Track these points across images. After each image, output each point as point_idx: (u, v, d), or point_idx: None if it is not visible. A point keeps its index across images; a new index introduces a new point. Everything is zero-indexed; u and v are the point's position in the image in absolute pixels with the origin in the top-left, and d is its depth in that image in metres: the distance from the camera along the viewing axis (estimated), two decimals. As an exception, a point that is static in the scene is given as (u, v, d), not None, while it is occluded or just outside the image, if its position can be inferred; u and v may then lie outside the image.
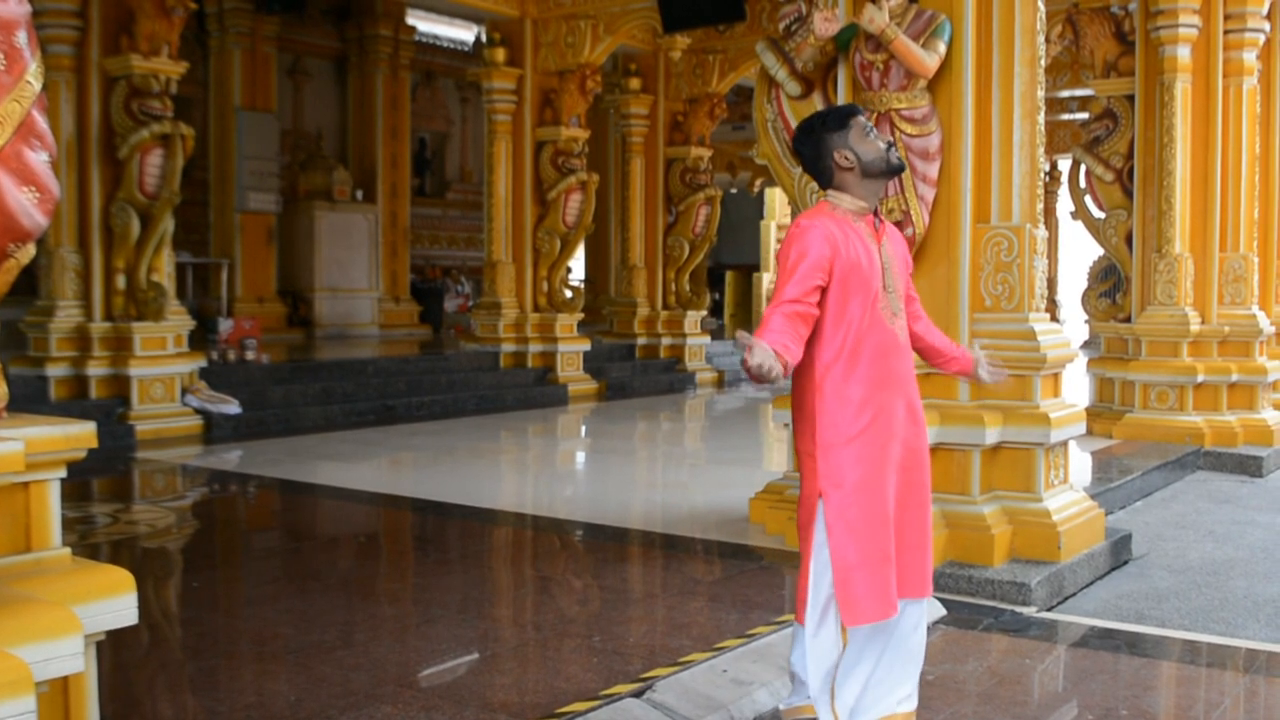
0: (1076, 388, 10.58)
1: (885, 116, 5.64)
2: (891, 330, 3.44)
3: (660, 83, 15.33)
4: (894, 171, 3.49)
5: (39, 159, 2.41)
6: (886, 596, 3.32)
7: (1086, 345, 16.56)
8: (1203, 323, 9.69)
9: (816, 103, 6.09)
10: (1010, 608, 5.22)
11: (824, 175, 3.47)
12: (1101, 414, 9.92)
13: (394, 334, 16.81)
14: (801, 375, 3.40)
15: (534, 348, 13.47)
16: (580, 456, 10.62)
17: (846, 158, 3.39)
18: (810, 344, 3.34)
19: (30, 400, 9.08)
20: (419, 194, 19.47)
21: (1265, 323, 9.91)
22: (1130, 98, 9.95)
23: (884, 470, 3.35)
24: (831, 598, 3.34)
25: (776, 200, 24.39)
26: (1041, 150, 5.83)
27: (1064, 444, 5.88)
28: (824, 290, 3.29)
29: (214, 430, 10.04)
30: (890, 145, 3.48)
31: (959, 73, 5.66)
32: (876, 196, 3.47)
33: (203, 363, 10.47)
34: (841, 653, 3.42)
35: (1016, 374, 5.67)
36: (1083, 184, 10.35)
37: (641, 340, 15.57)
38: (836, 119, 3.45)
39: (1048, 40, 7.34)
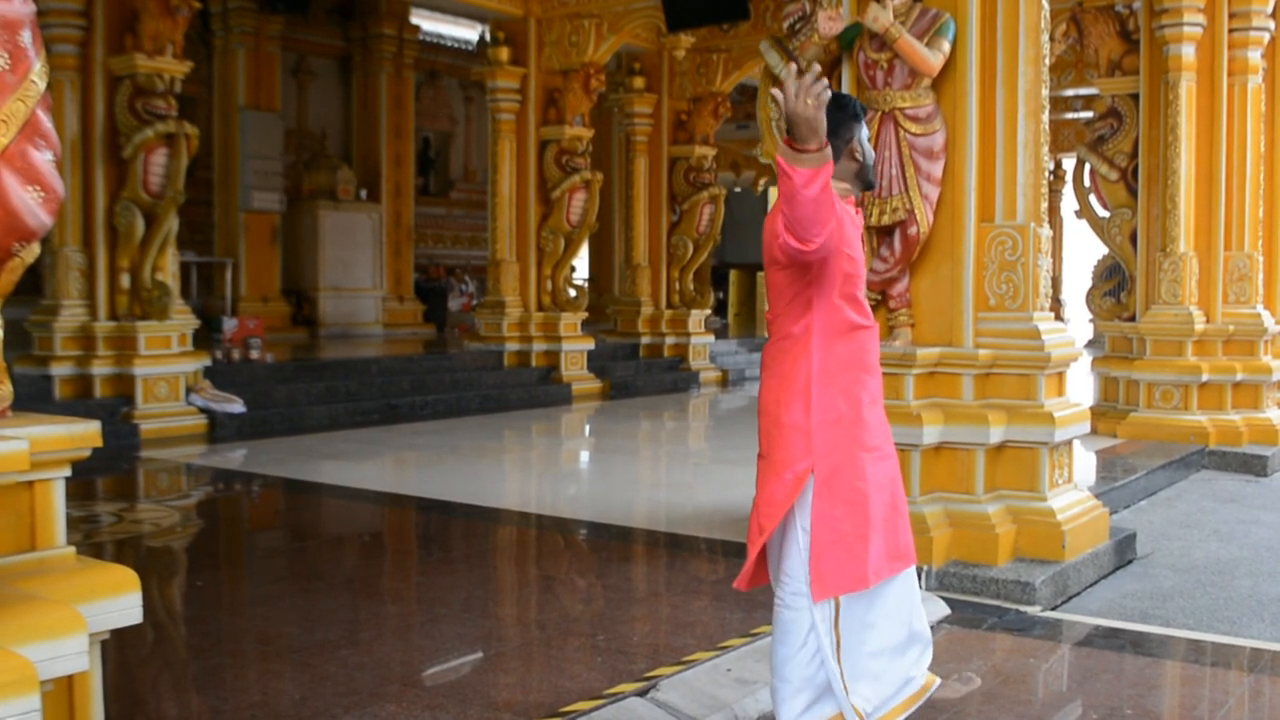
0: (1081, 387, 10.58)
1: (889, 115, 5.64)
2: (869, 311, 3.43)
3: (664, 82, 15.33)
4: (869, 187, 3.48)
5: (44, 158, 2.42)
6: (859, 569, 3.27)
7: (1091, 344, 16.56)
8: (1207, 322, 9.67)
9: (820, 101, 6.08)
10: (1014, 607, 5.21)
11: None
12: (1106, 413, 9.91)
13: (398, 333, 16.82)
14: (794, 347, 3.30)
15: (538, 347, 13.48)
16: (584, 456, 10.62)
17: (860, 150, 3.35)
18: (803, 315, 3.27)
19: (35, 399, 9.09)
20: (423, 193, 19.49)
21: (1270, 321, 9.88)
22: (1135, 96, 9.93)
23: (862, 449, 3.30)
24: None
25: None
26: (1046, 149, 5.83)
27: (1068, 443, 5.87)
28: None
29: (218, 429, 10.05)
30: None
31: (963, 71, 5.65)
32: (851, 197, 3.44)
33: (207, 362, 10.48)
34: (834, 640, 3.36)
35: (1021, 373, 5.67)
36: (1087, 183, 10.34)
37: (645, 339, 15.57)
38: (860, 109, 3.39)
39: (1052, 39, 7.33)
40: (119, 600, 2.68)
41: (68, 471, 2.72)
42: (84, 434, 2.72)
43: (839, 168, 3.35)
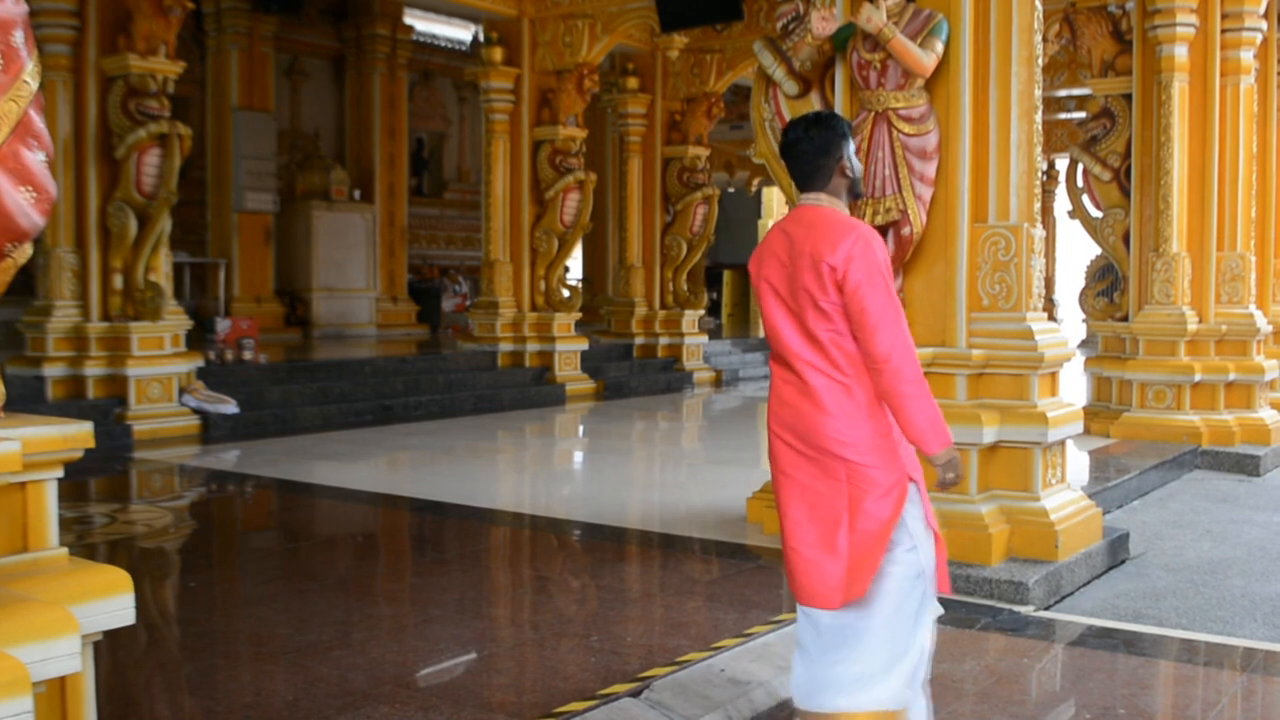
0: (1074, 387, 10.59)
1: (882, 116, 5.64)
2: None
3: (658, 82, 15.33)
4: (858, 196, 3.57)
5: (36, 159, 2.41)
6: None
7: (1084, 344, 16.58)
8: (1200, 322, 9.69)
9: (814, 102, 6.09)
10: (1008, 607, 5.22)
11: (820, 174, 3.43)
12: (1099, 413, 9.92)
13: (391, 334, 16.80)
14: (850, 378, 3.37)
15: (532, 347, 13.47)
16: (578, 456, 10.62)
17: (850, 167, 3.43)
18: (850, 347, 3.39)
19: (27, 400, 9.07)
20: (416, 194, 19.47)
21: (1262, 322, 9.91)
22: (1128, 97, 9.95)
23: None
24: None
25: (774, 199, 24.41)
26: (1039, 149, 5.84)
27: (1061, 443, 5.88)
28: None
29: (211, 430, 10.03)
30: None
31: (956, 72, 5.66)
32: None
33: (200, 363, 10.47)
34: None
35: (1014, 373, 5.68)
36: (1080, 183, 10.35)
37: (639, 340, 15.57)
38: (847, 128, 3.45)
39: (1045, 39, 7.34)
40: (112, 601, 2.67)
41: (60, 472, 2.71)
42: (77, 435, 2.71)
43: (832, 185, 3.46)
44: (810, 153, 3.44)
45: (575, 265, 20.52)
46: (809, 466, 3.44)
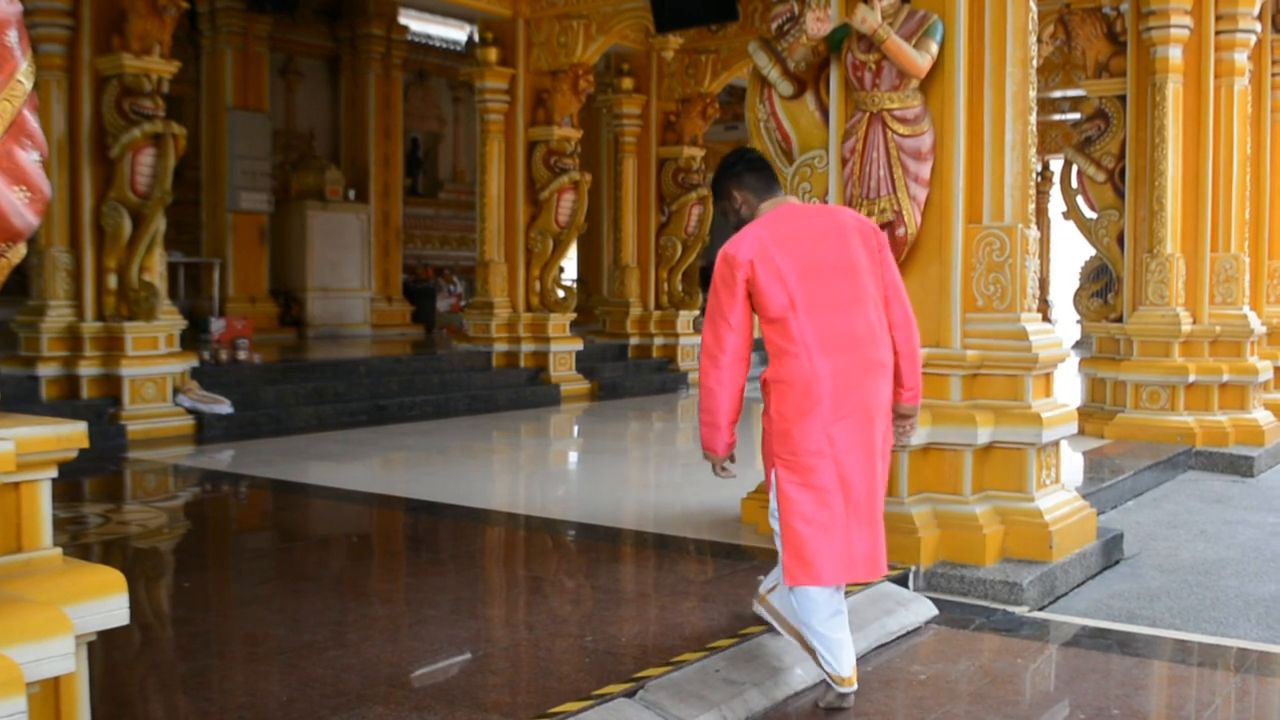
0: (1068, 388, 10.62)
1: (877, 116, 5.65)
2: None
3: (653, 83, 15.33)
4: None
5: (30, 158, 2.41)
6: None
7: (1078, 345, 16.62)
8: (1194, 323, 9.71)
9: (809, 103, 6.10)
10: (1002, 607, 5.23)
11: (778, 179, 4.31)
12: (1093, 414, 9.94)
13: (386, 334, 16.78)
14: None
15: (526, 348, 13.46)
16: (572, 456, 10.61)
17: None
18: None
19: (21, 400, 9.06)
20: (411, 194, 19.46)
21: (1256, 323, 9.93)
22: (1122, 98, 9.97)
23: None
24: None
25: (769, 200, 24.38)
26: (1033, 150, 5.85)
27: (1056, 444, 5.89)
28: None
29: (206, 430, 10.02)
30: None
31: (951, 73, 5.66)
32: None
33: (194, 363, 10.44)
34: None
35: (1009, 374, 5.69)
36: (1074, 184, 10.36)
37: (634, 340, 15.57)
38: None
39: (1040, 40, 7.35)
40: (106, 602, 2.67)
41: (54, 472, 2.71)
42: (71, 435, 2.71)
43: None
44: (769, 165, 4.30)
45: (570, 266, 20.51)
46: (877, 439, 3.92)
